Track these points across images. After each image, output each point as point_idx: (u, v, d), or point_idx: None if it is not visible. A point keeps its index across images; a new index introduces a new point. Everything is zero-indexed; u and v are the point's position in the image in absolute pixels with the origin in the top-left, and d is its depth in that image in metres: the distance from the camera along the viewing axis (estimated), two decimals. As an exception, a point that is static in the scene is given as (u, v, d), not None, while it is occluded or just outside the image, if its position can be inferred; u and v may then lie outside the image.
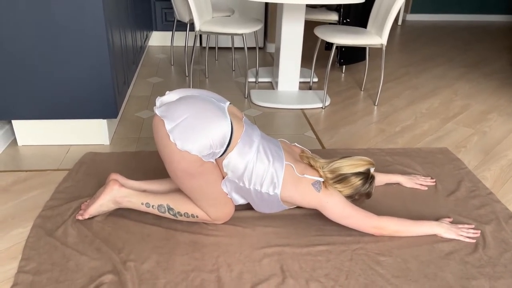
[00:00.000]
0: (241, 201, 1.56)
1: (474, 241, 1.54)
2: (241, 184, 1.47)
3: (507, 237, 1.58)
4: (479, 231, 1.60)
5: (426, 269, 1.42)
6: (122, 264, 1.38)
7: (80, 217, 1.57)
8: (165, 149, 1.38)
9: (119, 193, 1.53)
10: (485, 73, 3.61)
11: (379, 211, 1.70)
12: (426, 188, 1.87)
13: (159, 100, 1.48)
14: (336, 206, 1.50)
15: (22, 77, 1.95)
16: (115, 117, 2.10)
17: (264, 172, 1.45)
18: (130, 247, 1.46)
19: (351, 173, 1.53)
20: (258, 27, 2.82)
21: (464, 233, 1.57)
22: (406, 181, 1.90)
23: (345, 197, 1.54)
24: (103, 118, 2.10)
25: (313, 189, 1.48)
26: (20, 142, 2.14)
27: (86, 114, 2.07)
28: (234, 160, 1.43)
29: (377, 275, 1.38)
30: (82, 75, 1.98)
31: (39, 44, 1.89)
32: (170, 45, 4.19)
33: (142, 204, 1.53)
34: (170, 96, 1.49)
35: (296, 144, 1.71)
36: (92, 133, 2.16)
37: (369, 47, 3.17)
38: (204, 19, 2.88)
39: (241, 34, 2.74)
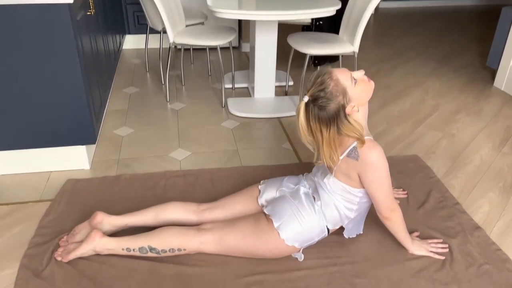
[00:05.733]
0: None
1: (443, 257, 1.65)
2: (352, 216, 1.61)
3: (472, 250, 1.69)
4: (447, 245, 1.71)
5: (397, 289, 1.52)
6: (110, 304, 1.44)
7: (59, 258, 1.61)
8: (271, 239, 1.55)
9: (100, 243, 1.58)
10: (455, 68, 3.72)
11: (354, 229, 1.79)
12: (398, 202, 1.97)
13: (262, 199, 1.70)
14: (376, 176, 1.47)
15: (-4, 110, 1.94)
16: (94, 143, 2.12)
17: (341, 196, 1.58)
18: (117, 285, 1.52)
19: (319, 90, 1.44)
20: (232, 37, 2.83)
21: (434, 249, 1.68)
22: (379, 195, 1.99)
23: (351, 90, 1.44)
24: (82, 144, 2.12)
25: (352, 161, 1.48)
26: (-2, 172, 2.15)
27: (64, 141, 2.08)
28: (333, 218, 1.60)
29: (353, 298, 1.48)
30: (57, 104, 1.98)
31: (10, 74, 1.88)
32: (144, 47, 4.15)
33: (123, 249, 1.58)
34: (268, 193, 1.71)
35: None
36: (71, 159, 2.18)
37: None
38: (177, 29, 2.87)
39: (216, 46, 2.75)
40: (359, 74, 1.49)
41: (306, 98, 1.46)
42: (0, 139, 2.00)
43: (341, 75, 1.44)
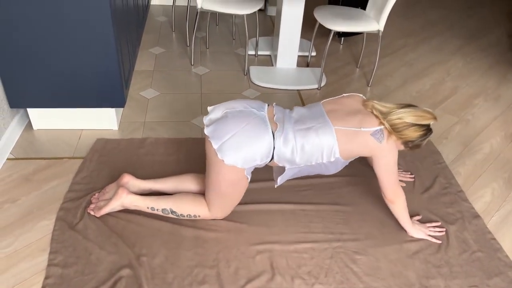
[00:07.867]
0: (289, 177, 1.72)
1: (440, 242, 1.78)
2: (302, 165, 1.64)
3: (468, 237, 1.82)
4: (444, 229, 1.84)
5: (393, 267, 1.67)
6: (136, 259, 1.63)
7: (91, 212, 1.79)
8: (213, 164, 1.61)
9: (127, 199, 1.76)
10: (481, 47, 3.68)
11: (357, 204, 1.93)
12: (405, 185, 2.09)
13: (207, 119, 1.67)
14: (390, 161, 1.62)
15: (35, 70, 2.07)
16: (122, 106, 2.26)
17: (316, 148, 1.60)
18: (142, 241, 1.70)
19: (413, 124, 1.60)
20: (259, 6, 2.86)
21: (432, 233, 1.81)
22: (387, 176, 2.10)
23: (402, 143, 1.66)
24: (111, 107, 2.25)
25: (373, 140, 1.59)
26: (35, 126, 2.31)
27: (95, 103, 2.22)
28: (282, 154, 1.61)
29: (352, 273, 1.64)
30: (90, 69, 2.10)
31: (49, 39, 1.99)
32: (171, 4, 4.18)
33: (148, 208, 1.76)
34: (215, 112, 1.67)
35: (358, 94, 1.78)
36: (101, 119, 2.32)
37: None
38: (205, -6, 2.90)
39: (242, 15, 2.79)
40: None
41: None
42: (39, 97, 2.15)
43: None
